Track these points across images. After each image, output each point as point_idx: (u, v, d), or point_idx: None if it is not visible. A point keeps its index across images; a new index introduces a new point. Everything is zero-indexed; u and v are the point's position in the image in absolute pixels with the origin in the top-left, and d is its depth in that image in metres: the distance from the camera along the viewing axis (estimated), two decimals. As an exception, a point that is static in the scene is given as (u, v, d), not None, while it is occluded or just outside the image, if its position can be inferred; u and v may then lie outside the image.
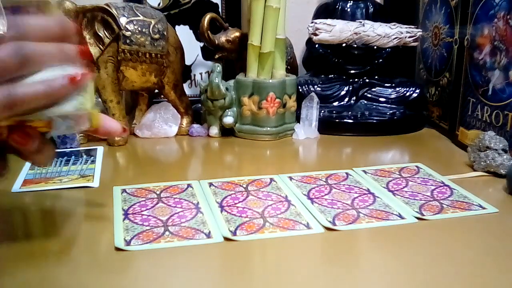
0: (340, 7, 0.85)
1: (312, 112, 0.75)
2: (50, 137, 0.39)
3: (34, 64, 0.34)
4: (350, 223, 0.46)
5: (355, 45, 0.81)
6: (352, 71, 0.83)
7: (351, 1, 0.85)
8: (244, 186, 0.55)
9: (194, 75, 0.89)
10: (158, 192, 0.53)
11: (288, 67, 0.81)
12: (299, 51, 0.91)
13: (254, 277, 0.38)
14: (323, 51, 0.83)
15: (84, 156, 0.64)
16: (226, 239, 0.43)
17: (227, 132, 0.76)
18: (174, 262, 0.40)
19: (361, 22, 0.81)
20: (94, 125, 0.40)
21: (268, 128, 0.74)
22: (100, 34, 0.67)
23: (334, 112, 0.79)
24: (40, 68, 0.35)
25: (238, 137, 0.75)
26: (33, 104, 0.34)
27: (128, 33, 0.68)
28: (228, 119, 0.73)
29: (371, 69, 0.83)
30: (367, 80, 0.83)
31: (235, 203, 0.50)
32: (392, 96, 0.82)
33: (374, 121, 0.78)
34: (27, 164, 0.61)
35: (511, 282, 0.37)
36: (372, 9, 0.85)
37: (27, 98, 0.34)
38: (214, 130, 0.75)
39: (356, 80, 0.83)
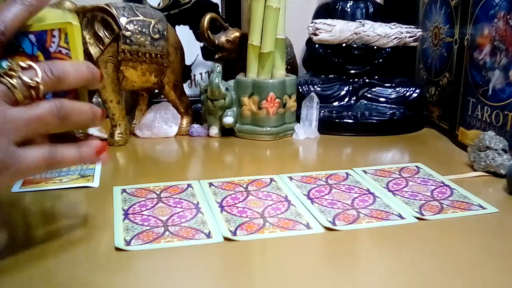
0: (340, 7, 0.85)
1: (312, 112, 0.75)
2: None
3: (71, 122, 0.38)
4: (350, 223, 0.46)
5: (355, 45, 0.81)
6: (352, 71, 0.83)
7: (351, 1, 0.85)
8: (244, 186, 0.55)
9: (194, 75, 0.89)
10: (158, 192, 0.53)
11: (288, 67, 0.81)
12: (299, 51, 0.91)
13: (254, 277, 0.38)
14: (323, 51, 0.83)
15: (84, 156, 0.64)
16: (226, 239, 0.43)
17: (227, 132, 0.76)
18: (174, 262, 0.40)
19: (361, 22, 0.81)
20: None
21: (268, 128, 0.74)
22: (100, 34, 0.67)
23: (334, 112, 0.79)
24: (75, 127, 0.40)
25: (238, 137, 0.75)
26: (66, 166, 0.40)
27: (128, 33, 0.68)
28: (228, 119, 0.73)
29: (371, 69, 0.83)
30: (367, 80, 0.83)
31: (235, 203, 0.50)
32: (392, 96, 0.82)
33: (374, 121, 0.78)
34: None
35: (511, 282, 0.37)
36: (372, 9, 0.85)
37: (64, 163, 0.38)
38: (214, 130, 0.75)
39: (356, 80, 0.83)
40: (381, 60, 0.83)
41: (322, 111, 0.78)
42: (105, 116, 0.42)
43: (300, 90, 0.79)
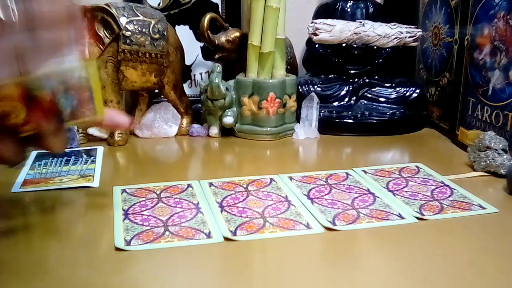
0: (340, 7, 0.85)
1: (312, 112, 0.75)
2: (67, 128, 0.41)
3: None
4: (350, 223, 0.46)
5: (355, 45, 0.81)
6: (352, 71, 0.83)
7: (351, 1, 0.85)
8: (244, 186, 0.55)
9: (194, 75, 0.89)
10: (158, 192, 0.53)
11: (288, 67, 0.81)
12: (299, 51, 0.91)
13: (254, 277, 0.38)
14: (323, 51, 0.83)
15: (84, 156, 0.64)
16: (226, 239, 0.43)
17: (227, 132, 0.76)
18: (174, 262, 0.40)
19: (361, 22, 0.81)
20: (99, 113, 0.41)
21: (268, 128, 0.74)
22: (100, 34, 0.67)
23: (334, 112, 0.79)
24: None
25: (238, 137, 0.75)
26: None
27: (128, 33, 0.68)
28: (228, 119, 0.73)
29: (371, 69, 0.83)
30: (367, 80, 0.83)
31: (235, 203, 0.50)
32: (392, 96, 0.82)
33: (374, 121, 0.78)
34: (27, 164, 0.61)
35: (511, 282, 0.37)
36: (372, 9, 0.85)
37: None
38: (214, 130, 0.75)
39: (356, 80, 0.83)
40: (381, 60, 0.83)
41: (322, 111, 0.78)
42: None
43: (300, 90, 0.79)
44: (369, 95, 0.82)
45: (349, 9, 0.85)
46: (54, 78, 0.37)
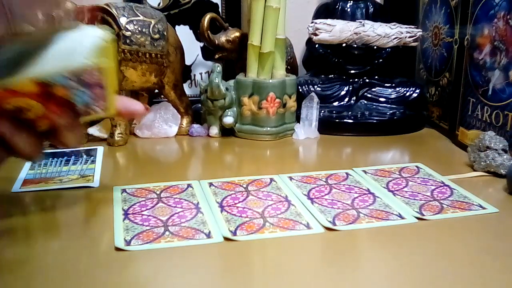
0: (340, 7, 0.85)
1: (312, 112, 0.75)
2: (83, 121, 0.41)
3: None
4: (350, 223, 0.46)
5: (355, 45, 0.81)
6: (352, 71, 0.83)
7: (351, 1, 0.85)
8: (244, 186, 0.55)
9: (194, 75, 0.89)
10: (158, 192, 0.53)
11: (288, 67, 0.81)
12: (299, 51, 0.91)
13: (254, 277, 0.38)
14: (323, 51, 0.83)
15: (84, 156, 0.64)
16: (226, 239, 0.43)
17: (227, 132, 0.76)
18: (174, 262, 0.40)
19: (361, 22, 0.81)
20: (111, 110, 0.42)
21: (268, 128, 0.74)
22: (100, 34, 0.67)
23: (334, 112, 0.79)
24: None
25: (238, 137, 0.75)
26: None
27: (128, 33, 0.68)
28: (228, 119, 0.73)
29: (371, 69, 0.83)
30: (367, 80, 0.83)
31: (235, 203, 0.50)
32: (392, 96, 0.82)
33: (374, 121, 0.78)
34: (27, 164, 0.61)
35: (511, 282, 0.37)
36: (372, 9, 0.85)
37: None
38: (214, 130, 0.75)
39: (356, 80, 0.83)
40: (381, 60, 0.83)
41: (322, 111, 0.78)
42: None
43: (300, 90, 0.79)
44: (369, 95, 0.82)
45: (349, 9, 0.85)
46: (68, 75, 0.38)
